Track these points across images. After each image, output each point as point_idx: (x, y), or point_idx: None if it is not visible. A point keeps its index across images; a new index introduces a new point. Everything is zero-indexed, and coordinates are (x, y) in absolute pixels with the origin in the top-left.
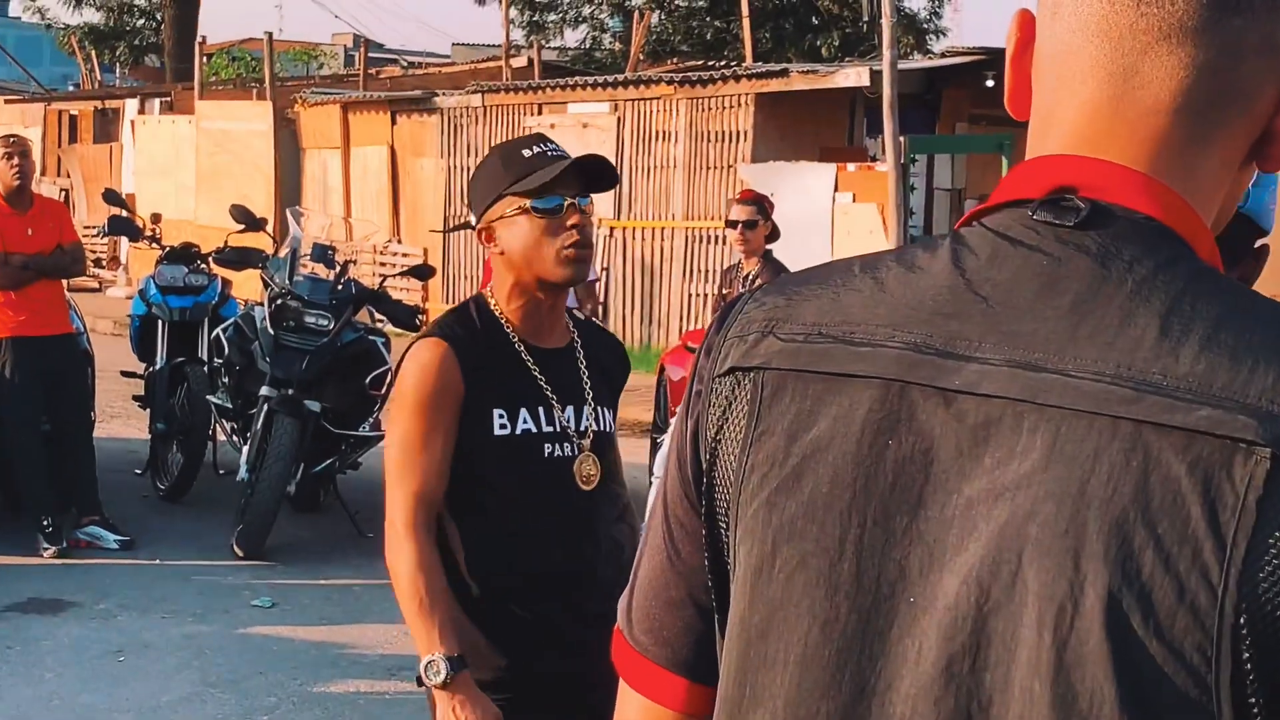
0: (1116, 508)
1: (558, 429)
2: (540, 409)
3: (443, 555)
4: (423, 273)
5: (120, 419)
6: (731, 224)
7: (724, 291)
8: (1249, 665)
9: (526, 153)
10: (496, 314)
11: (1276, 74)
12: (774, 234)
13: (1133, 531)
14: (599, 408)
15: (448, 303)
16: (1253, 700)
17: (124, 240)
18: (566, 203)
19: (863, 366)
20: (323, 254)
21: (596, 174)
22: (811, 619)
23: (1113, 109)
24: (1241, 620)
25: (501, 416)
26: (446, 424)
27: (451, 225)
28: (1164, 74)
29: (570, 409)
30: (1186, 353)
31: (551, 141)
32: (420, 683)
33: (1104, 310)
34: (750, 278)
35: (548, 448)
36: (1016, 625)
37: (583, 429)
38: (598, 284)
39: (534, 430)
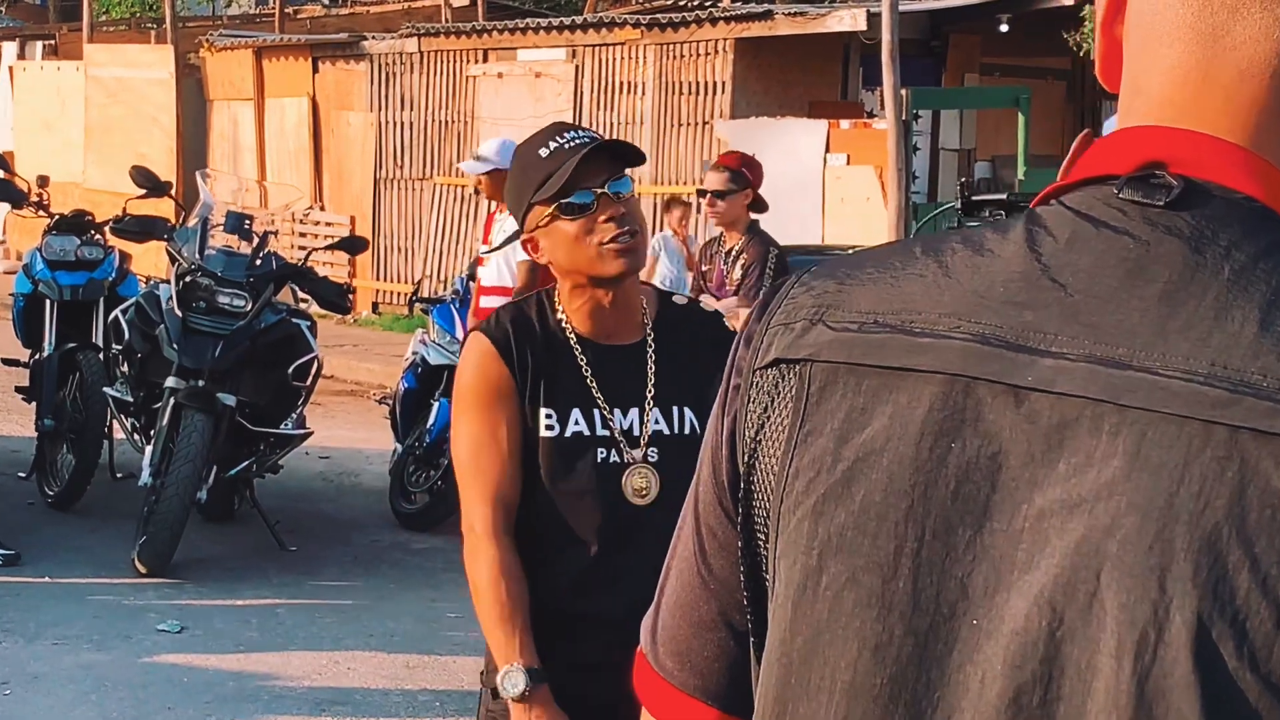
0: (1208, 523)
1: (612, 434)
2: (595, 412)
3: None
4: (354, 245)
5: (0, 414)
6: (702, 193)
7: (703, 268)
8: None
9: (543, 152)
10: (559, 312)
11: None
12: (758, 204)
13: (1226, 550)
14: (674, 408)
15: (378, 279)
16: None
17: (1, 206)
18: (597, 195)
19: (924, 360)
20: (238, 224)
21: (625, 151)
22: (861, 643)
23: (1202, 74)
24: None
25: (550, 417)
26: (509, 419)
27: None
28: (1258, 34)
29: (629, 412)
30: None
31: (569, 129)
32: (495, 695)
33: (1197, 301)
34: (733, 253)
35: (601, 453)
36: (1093, 653)
37: (635, 435)
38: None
39: (585, 433)
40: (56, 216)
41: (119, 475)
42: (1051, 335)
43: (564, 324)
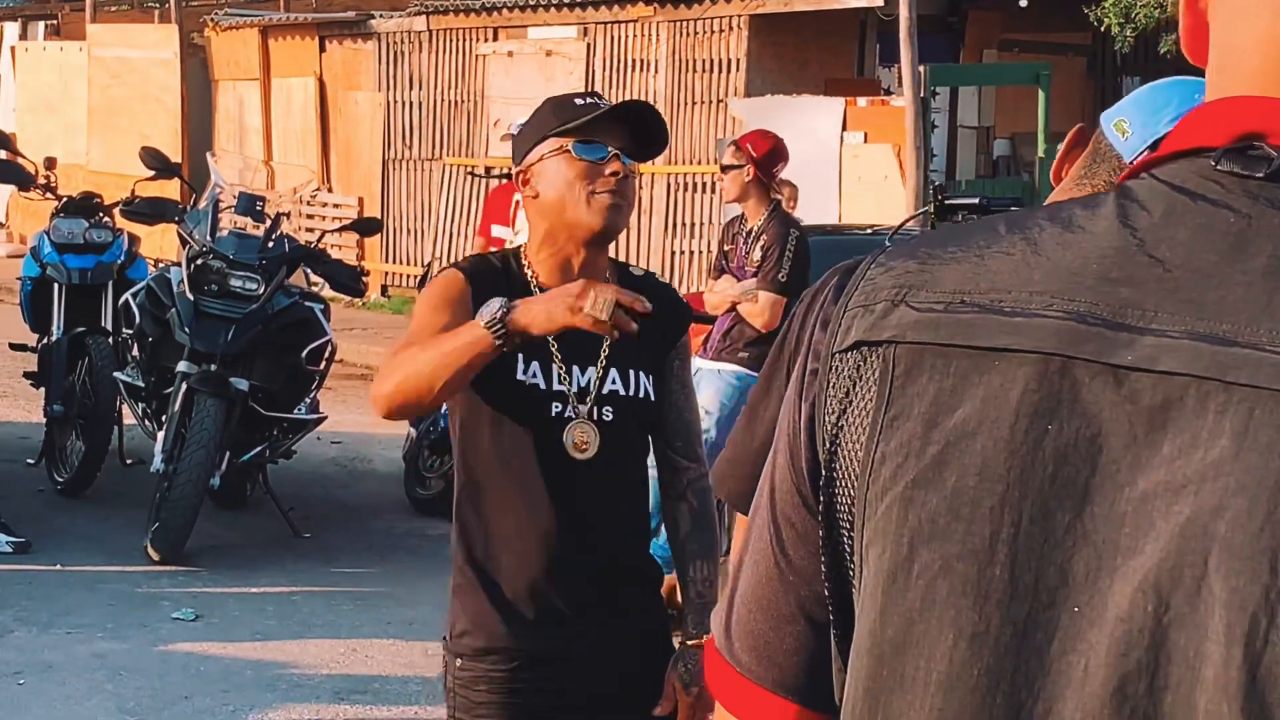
0: None
1: (565, 390)
2: (551, 366)
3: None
4: (368, 227)
5: (8, 399)
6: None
7: (724, 248)
8: None
9: (579, 101)
10: (524, 265)
11: None
12: (764, 183)
13: None
14: (630, 371)
15: (388, 262)
16: None
17: (1, 189)
18: (610, 152)
19: (1017, 339)
20: (250, 206)
21: (648, 138)
22: (957, 632)
23: None
24: None
25: (505, 361)
26: (460, 322)
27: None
28: None
29: (586, 370)
30: None
31: (607, 100)
32: (460, 658)
33: None
34: (754, 232)
35: (554, 407)
36: (1201, 639)
37: (585, 393)
38: None
39: (541, 386)
40: (64, 199)
41: (129, 461)
42: (1151, 312)
43: (530, 278)
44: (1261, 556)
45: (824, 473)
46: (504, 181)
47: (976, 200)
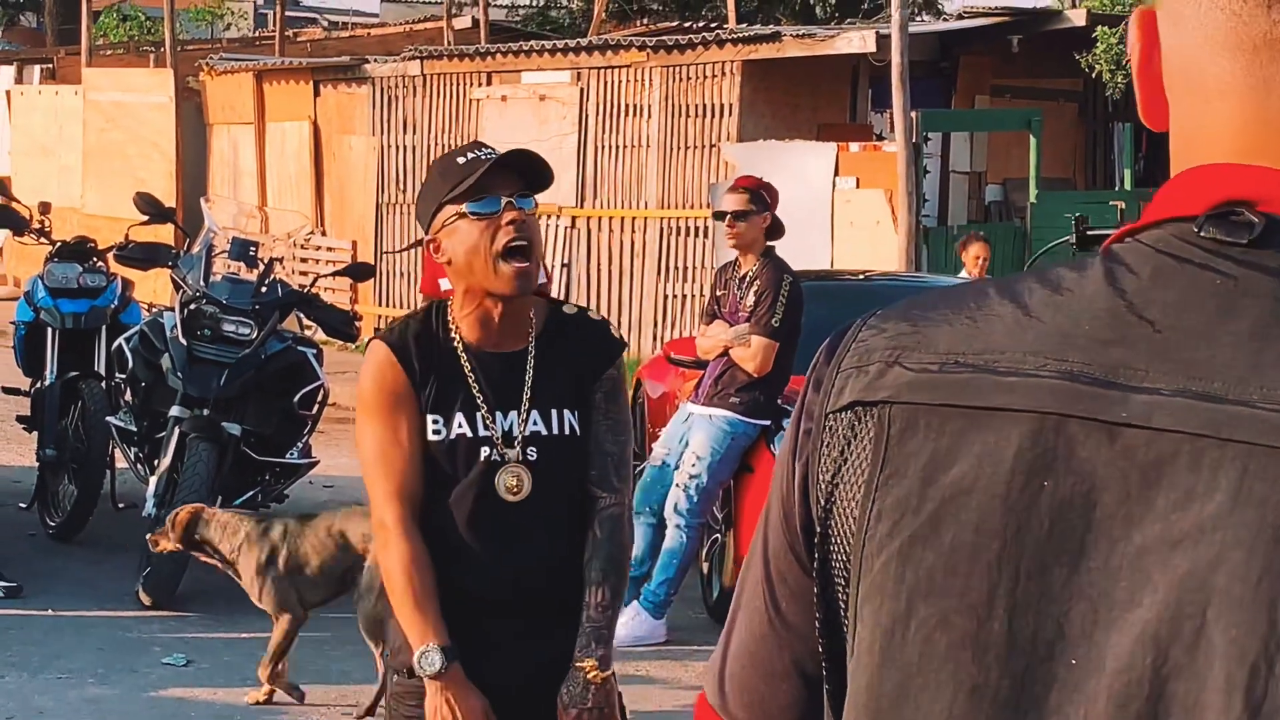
0: None
1: (491, 435)
2: (478, 415)
3: None
4: (360, 272)
5: (1, 443)
6: (719, 215)
7: (717, 293)
8: None
9: (461, 160)
10: (449, 320)
11: None
12: (776, 228)
13: None
14: (553, 411)
15: (381, 306)
16: None
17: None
18: (503, 202)
19: (1012, 399)
20: (243, 251)
21: (535, 172)
22: (956, 686)
23: (1261, 122)
24: None
25: (436, 422)
26: (409, 422)
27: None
28: None
29: (509, 414)
30: None
31: (488, 146)
32: (402, 675)
33: None
34: (748, 278)
35: (483, 451)
36: (1200, 689)
37: (511, 436)
38: (549, 285)
39: (468, 435)
40: (58, 244)
41: (121, 506)
42: (1142, 371)
43: (454, 333)
44: (1260, 608)
45: (819, 529)
46: None
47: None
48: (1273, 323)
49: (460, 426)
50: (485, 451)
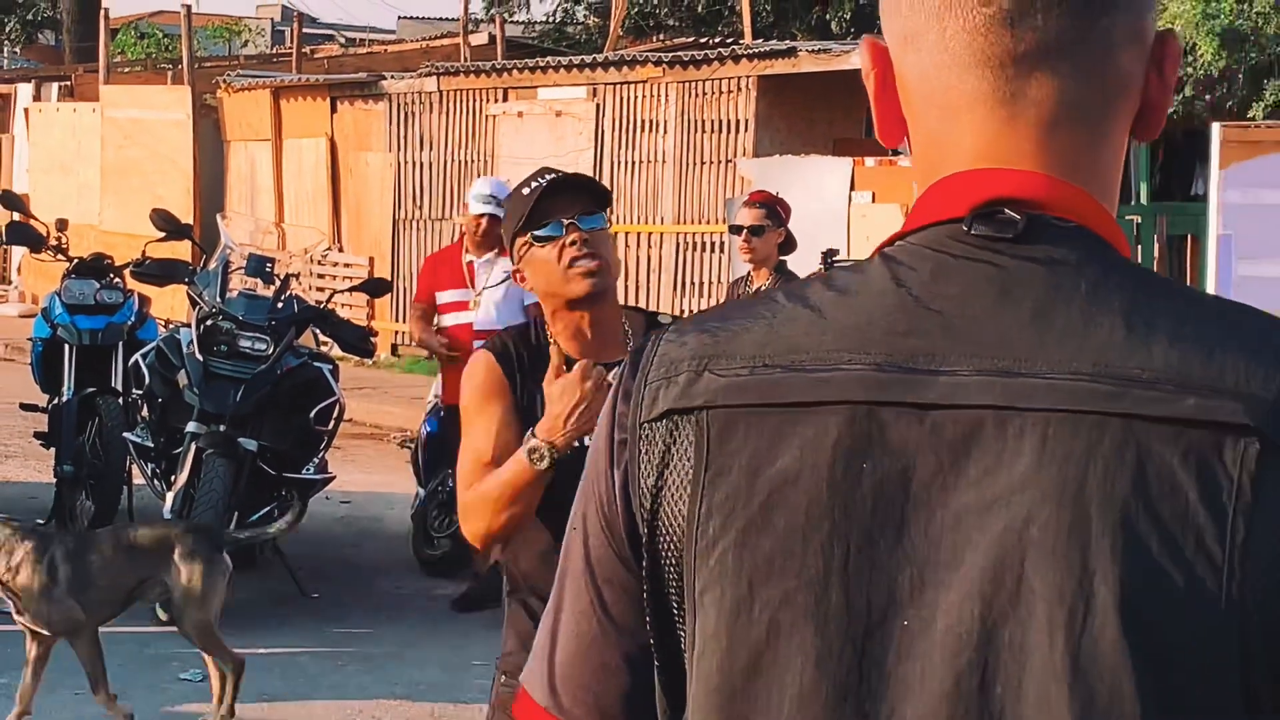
0: (1117, 502)
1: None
2: None
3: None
4: (377, 288)
5: (18, 459)
6: (735, 230)
7: None
8: (1257, 647)
9: (525, 190)
10: (549, 335)
11: (1145, 55)
12: (789, 243)
13: (1136, 524)
14: None
15: (397, 321)
16: (1263, 683)
17: (14, 249)
18: (565, 225)
19: (824, 392)
20: (260, 267)
21: (595, 190)
22: (804, 656)
23: (1011, 129)
24: (1248, 602)
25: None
26: (508, 414)
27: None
28: (1051, 90)
29: None
30: (1158, 348)
31: (551, 172)
32: (507, 677)
33: (1065, 314)
34: (760, 292)
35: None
36: (1025, 632)
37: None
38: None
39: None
40: (75, 260)
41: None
42: (940, 356)
43: (553, 345)
44: (1074, 554)
45: (644, 532)
46: (449, 245)
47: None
48: (1049, 305)
49: None
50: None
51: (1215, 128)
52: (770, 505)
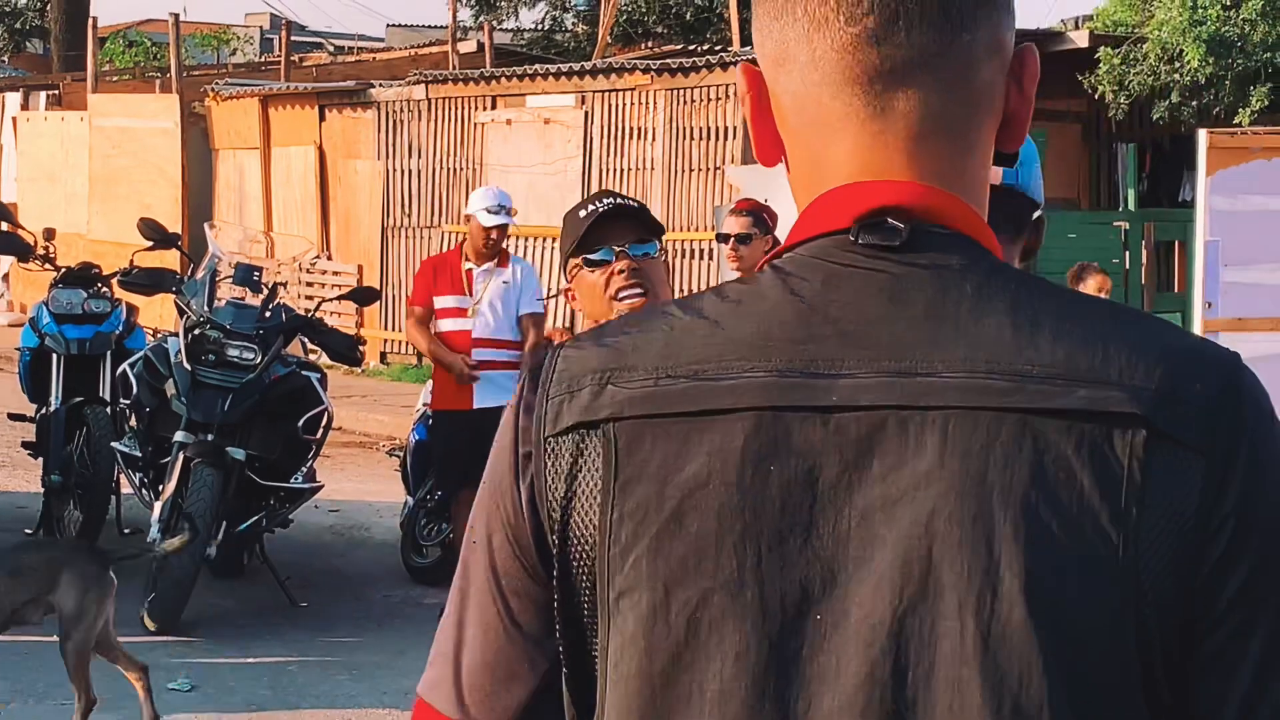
0: (1019, 492)
1: None
2: None
3: None
4: (365, 296)
5: (6, 469)
6: (723, 238)
7: None
8: (1153, 626)
9: (581, 213)
10: None
11: (1005, 67)
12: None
13: (1037, 512)
14: None
15: (386, 329)
16: (1158, 658)
17: (2, 259)
18: (616, 252)
19: (729, 400)
20: (248, 276)
21: (650, 219)
22: (722, 656)
23: (882, 143)
24: (1144, 582)
25: None
26: None
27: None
28: (918, 103)
29: None
30: (1044, 344)
31: (611, 195)
32: None
33: (954, 315)
34: None
35: None
36: (935, 618)
37: None
38: (544, 317)
39: None
40: (63, 270)
41: (126, 531)
42: (839, 360)
43: None
44: (979, 543)
45: (555, 542)
46: (448, 250)
47: None
48: (938, 308)
49: None
50: None
51: (1202, 134)
52: (681, 510)
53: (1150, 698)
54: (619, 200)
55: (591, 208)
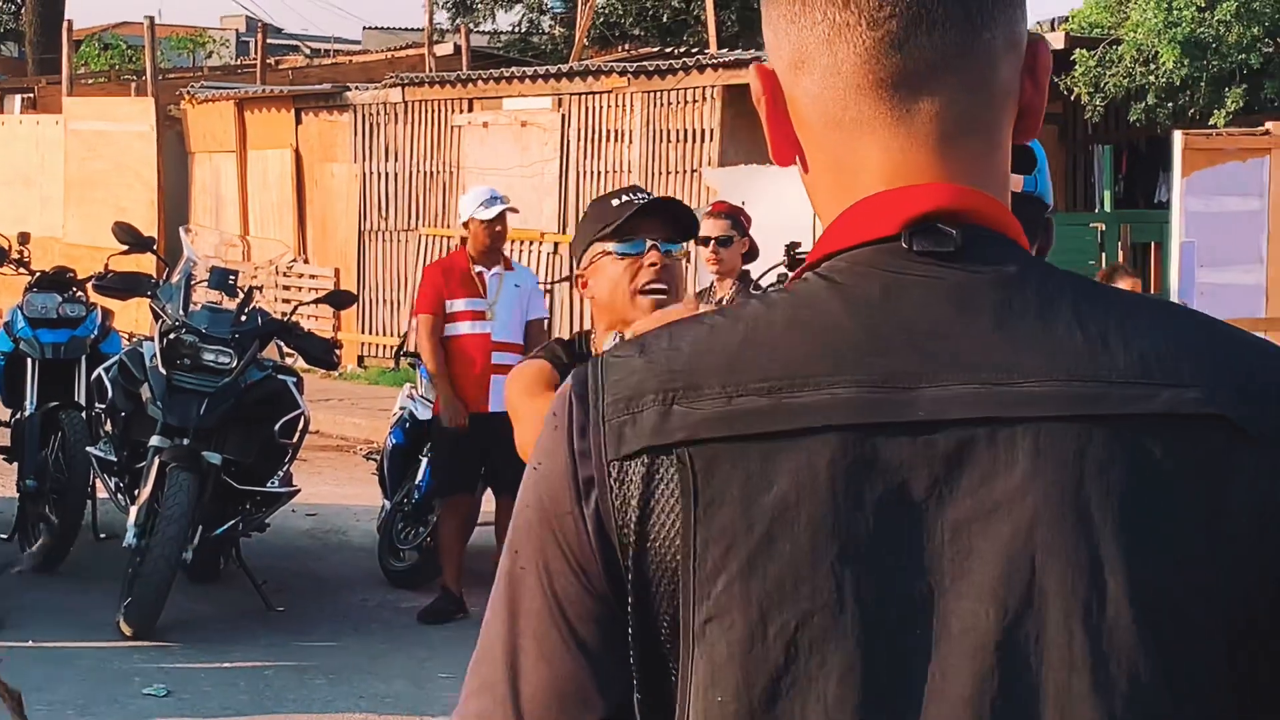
0: (1116, 498)
1: None
2: None
3: None
4: (341, 300)
5: None
6: (702, 240)
7: None
8: (1249, 618)
9: (615, 202)
10: (592, 349)
11: (1020, 60)
12: (752, 252)
13: (1135, 517)
14: None
15: (364, 333)
16: (1259, 651)
17: None
18: (648, 245)
19: (811, 418)
20: (223, 280)
21: (684, 220)
22: (825, 677)
23: (912, 146)
24: (1241, 576)
25: None
26: None
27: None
28: (943, 104)
29: None
30: (1116, 348)
31: (644, 190)
32: None
33: (1024, 322)
34: (723, 304)
35: None
36: (1040, 629)
37: None
38: (545, 320)
39: None
40: (38, 274)
41: (103, 536)
42: (917, 373)
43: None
44: (1081, 551)
45: (629, 567)
46: (451, 252)
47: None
48: (1006, 315)
49: None
50: None
51: (1177, 136)
52: (772, 533)
53: (1246, 693)
54: (657, 196)
55: (627, 198)
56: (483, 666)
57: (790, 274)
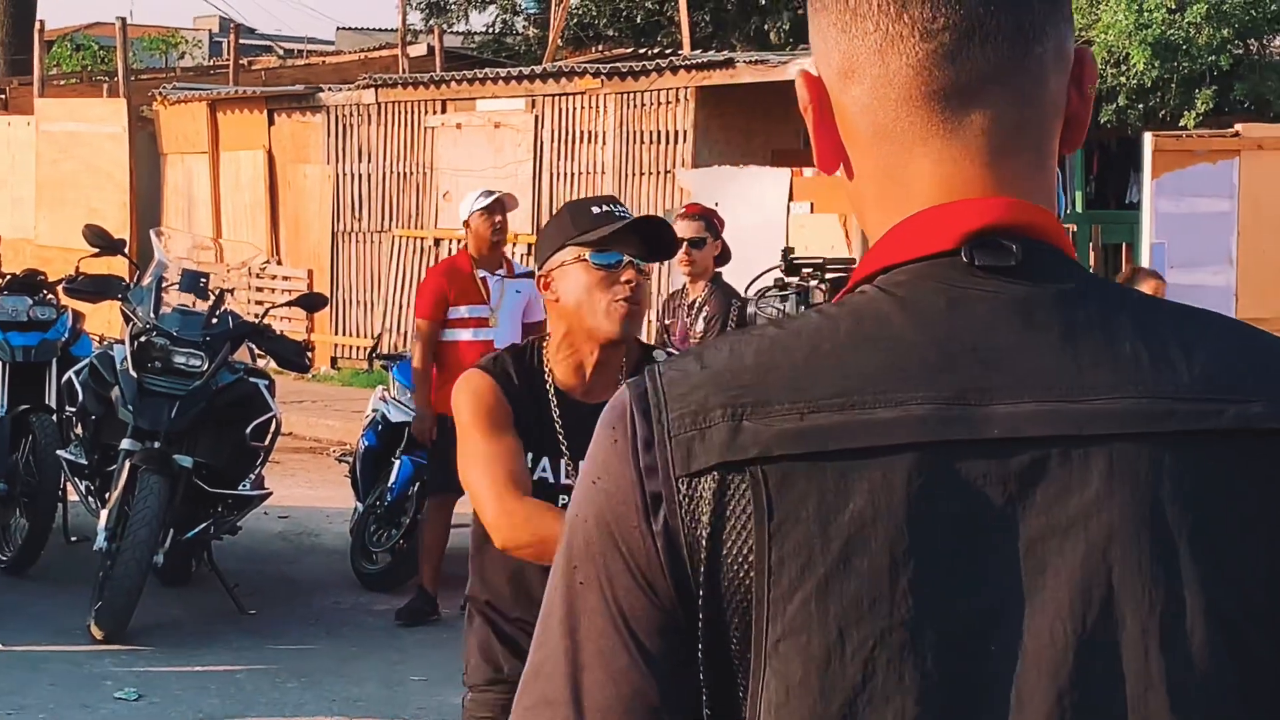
0: (1191, 515)
1: (571, 485)
2: (561, 462)
3: (477, 566)
4: (313, 303)
5: None
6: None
7: (665, 321)
8: None
9: (595, 210)
10: (544, 360)
11: (1068, 71)
12: (724, 255)
13: (1210, 532)
14: None
15: (337, 334)
16: None
17: None
18: (625, 260)
19: (888, 435)
20: (194, 282)
21: (662, 243)
22: (903, 694)
23: (964, 157)
24: None
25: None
26: (510, 431)
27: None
28: (994, 117)
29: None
30: (1179, 364)
31: (623, 204)
32: (485, 686)
33: (1089, 338)
34: (696, 305)
35: (562, 500)
36: (1119, 645)
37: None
38: (544, 324)
39: (550, 481)
40: (8, 276)
41: (73, 539)
42: (988, 390)
43: (547, 375)
44: (1158, 567)
45: (700, 583)
46: (452, 255)
47: (820, 259)
48: (1072, 331)
49: (544, 470)
50: (563, 500)
51: (1147, 137)
52: (849, 551)
53: None
54: (643, 217)
55: (607, 208)
56: (539, 683)
57: (786, 279)
